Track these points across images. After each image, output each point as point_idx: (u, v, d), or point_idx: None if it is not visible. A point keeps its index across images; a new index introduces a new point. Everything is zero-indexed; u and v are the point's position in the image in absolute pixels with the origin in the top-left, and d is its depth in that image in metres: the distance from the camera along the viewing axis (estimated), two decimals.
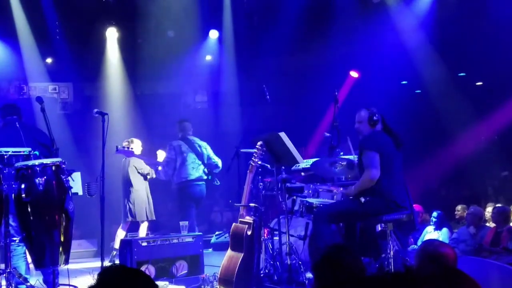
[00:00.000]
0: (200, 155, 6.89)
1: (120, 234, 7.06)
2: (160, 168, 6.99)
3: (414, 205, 5.91)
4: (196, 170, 6.86)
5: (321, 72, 9.34)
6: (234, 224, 5.14)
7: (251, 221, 4.99)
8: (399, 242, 5.81)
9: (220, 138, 8.82)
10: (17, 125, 5.32)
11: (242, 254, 4.90)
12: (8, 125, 5.38)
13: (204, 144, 6.96)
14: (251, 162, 5.17)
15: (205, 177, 6.85)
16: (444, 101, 9.75)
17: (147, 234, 6.56)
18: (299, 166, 6.54)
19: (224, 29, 9.49)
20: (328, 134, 5.97)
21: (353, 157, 6.11)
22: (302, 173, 6.65)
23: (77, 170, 6.87)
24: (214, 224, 9.60)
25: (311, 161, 6.51)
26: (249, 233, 4.94)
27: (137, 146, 7.05)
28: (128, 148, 6.74)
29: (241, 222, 5.05)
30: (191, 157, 6.86)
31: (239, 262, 4.86)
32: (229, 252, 5.06)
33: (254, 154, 5.18)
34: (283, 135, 5.36)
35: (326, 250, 2.55)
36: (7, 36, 8.36)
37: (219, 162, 6.91)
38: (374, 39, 9.14)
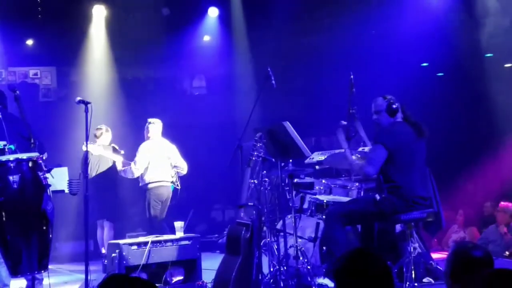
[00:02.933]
0: (167, 158, 7.09)
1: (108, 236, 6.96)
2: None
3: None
4: (163, 172, 7.03)
5: (333, 54, 9.11)
6: (230, 226, 5.05)
7: (249, 223, 4.86)
8: (422, 244, 5.62)
9: (220, 128, 8.61)
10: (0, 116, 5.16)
11: (240, 259, 4.77)
12: None
13: (172, 147, 7.18)
14: (250, 156, 5.05)
15: (171, 179, 7.10)
16: (470, 87, 9.49)
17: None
18: (313, 159, 6.37)
19: (225, 6, 9.23)
20: (344, 123, 5.82)
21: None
22: (317, 167, 6.46)
23: (63, 165, 6.73)
24: (215, 223, 9.43)
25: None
26: (247, 235, 4.81)
27: (107, 137, 7.13)
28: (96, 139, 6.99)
29: (239, 223, 4.93)
30: (159, 159, 7.01)
31: (236, 267, 4.73)
32: (225, 256, 4.96)
33: (252, 147, 5.04)
34: (287, 124, 5.21)
35: (350, 254, 2.42)
36: None
37: (184, 167, 7.19)
38: (391, 16, 8.89)
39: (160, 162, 7.00)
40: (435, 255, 6.17)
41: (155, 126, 7.05)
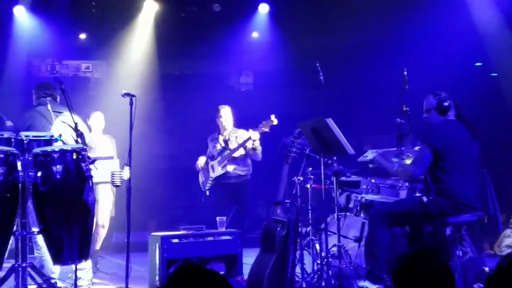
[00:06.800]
0: None
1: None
2: None
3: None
4: None
5: (384, 50, 8.80)
6: (265, 222, 4.90)
7: (285, 220, 4.68)
8: (474, 248, 5.30)
9: None
10: (49, 108, 5.21)
11: (274, 256, 4.63)
12: (40, 107, 5.30)
13: None
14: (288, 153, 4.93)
15: None
16: None
17: None
18: (366, 157, 6.15)
19: (276, 2, 9.03)
20: (400, 120, 5.62)
21: None
22: (370, 165, 6.22)
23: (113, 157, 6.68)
24: (260, 219, 9.26)
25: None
26: (282, 233, 4.64)
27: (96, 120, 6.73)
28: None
29: (275, 221, 4.78)
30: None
31: (270, 265, 4.58)
32: (259, 253, 4.82)
33: (290, 144, 4.93)
34: (330, 121, 4.99)
35: (411, 254, 2.28)
36: (40, 9, 8.20)
37: None
38: (445, 13, 8.52)
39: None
40: (488, 260, 5.80)
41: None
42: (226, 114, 6.82)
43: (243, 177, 6.82)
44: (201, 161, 6.85)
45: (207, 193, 6.80)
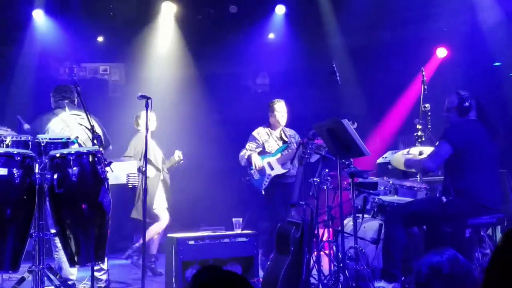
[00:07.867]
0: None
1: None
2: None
3: None
4: None
5: (401, 50, 8.71)
6: (280, 224, 4.86)
7: (300, 222, 4.64)
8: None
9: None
10: (66, 111, 5.26)
11: (289, 258, 4.58)
12: (57, 109, 5.36)
13: None
14: (302, 155, 4.88)
15: None
16: None
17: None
18: (386, 158, 6.09)
19: (293, 2, 8.98)
20: (420, 121, 5.57)
21: None
22: (389, 166, 6.17)
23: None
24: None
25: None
26: (297, 235, 4.58)
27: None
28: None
29: (289, 222, 4.74)
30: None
31: (285, 267, 4.53)
32: (274, 255, 4.80)
33: (304, 145, 4.87)
34: (345, 122, 4.93)
35: (434, 260, 2.29)
36: (59, 13, 8.24)
37: None
38: (463, 13, 8.40)
39: None
40: None
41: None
42: (282, 109, 6.48)
43: (294, 178, 6.64)
44: (258, 159, 6.37)
45: (263, 192, 6.32)
